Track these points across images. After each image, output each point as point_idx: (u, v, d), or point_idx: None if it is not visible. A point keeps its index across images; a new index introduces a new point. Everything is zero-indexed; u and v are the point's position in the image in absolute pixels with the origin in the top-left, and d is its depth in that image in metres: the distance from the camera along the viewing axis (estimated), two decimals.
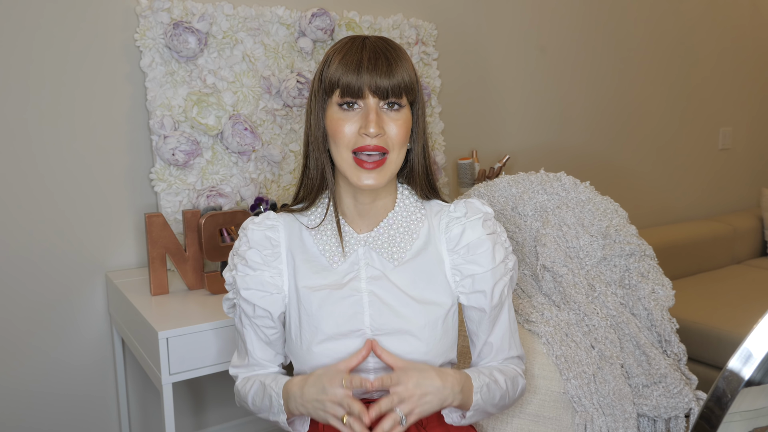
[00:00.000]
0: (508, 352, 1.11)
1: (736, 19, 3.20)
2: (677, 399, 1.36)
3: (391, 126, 0.99)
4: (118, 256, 1.76)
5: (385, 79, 0.97)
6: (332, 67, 0.99)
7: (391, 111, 0.99)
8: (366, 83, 0.97)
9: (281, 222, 1.09)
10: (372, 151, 0.98)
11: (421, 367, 0.97)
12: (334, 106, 1.00)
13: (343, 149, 0.99)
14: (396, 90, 0.98)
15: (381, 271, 1.04)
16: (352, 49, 0.99)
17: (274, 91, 1.86)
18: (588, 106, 2.70)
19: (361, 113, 0.98)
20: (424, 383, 0.95)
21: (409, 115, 1.02)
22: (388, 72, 0.97)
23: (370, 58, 0.97)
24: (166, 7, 1.70)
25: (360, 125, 0.98)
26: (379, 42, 1.00)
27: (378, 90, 0.97)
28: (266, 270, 1.05)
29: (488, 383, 1.02)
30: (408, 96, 1.00)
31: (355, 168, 0.99)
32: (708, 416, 0.57)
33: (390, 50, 1.00)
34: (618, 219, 1.52)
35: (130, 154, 1.76)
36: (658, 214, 3.02)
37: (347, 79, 0.97)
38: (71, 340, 1.73)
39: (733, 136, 3.30)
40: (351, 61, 0.98)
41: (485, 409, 1.03)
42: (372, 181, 0.98)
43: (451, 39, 2.29)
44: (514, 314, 1.14)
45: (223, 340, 1.39)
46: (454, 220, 1.08)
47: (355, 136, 0.98)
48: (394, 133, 0.99)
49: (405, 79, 0.99)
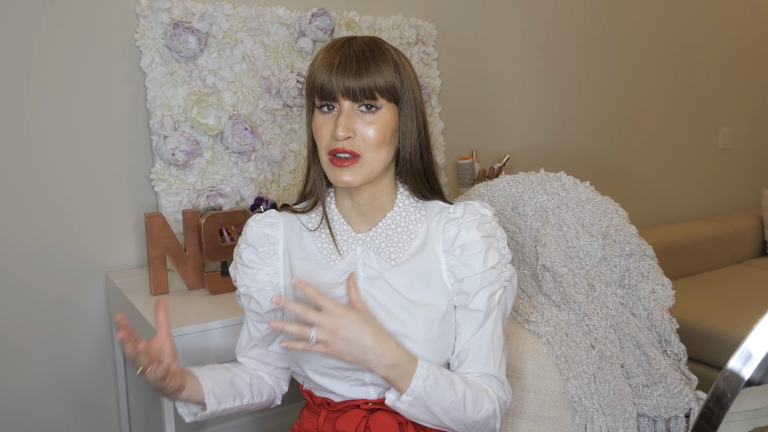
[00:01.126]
0: (483, 366, 1.02)
1: (736, 19, 3.20)
2: (677, 399, 1.36)
3: (365, 128, 0.98)
4: (118, 256, 1.76)
5: (354, 80, 0.97)
6: (313, 69, 1.01)
7: (367, 113, 0.99)
8: (335, 86, 0.97)
9: (282, 220, 1.10)
10: (342, 153, 0.98)
11: (370, 322, 0.94)
12: (317, 109, 1.02)
13: (322, 151, 1.01)
14: (367, 92, 0.97)
15: (378, 271, 1.04)
16: (331, 51, 1.00)
17: (274, 91, 1.86)
18: (588, 106, 2.70)
19: (336, 116, 0.99)
20: (353, 330, 0.91)
21: (390, 117, 1.01)
22: (357, 74, 0.97)
23: (341, 61, 0.97)
24: (166, 7, 1.70)
25: (333, 128, 0.99)
26: (360, 44, 1.00)
27: (348, 92, 0.97)
28: (262, 267, 1.07)
29: (438, 378, 0.95)
30: (386, 97, 0.99)
31: (332, 167, 1.00)
32: (708, 416, 0.57)
33: (366, 52, 0.99)
34: (618, 219, 1.52)
35: (130, 154, 1.76)
36: (658, 214, 3.02)
37: (321, 81, 0.98)
38: (71, 340, 1.73)
39: (733, 136, 3.30)
40: (325, 64, 0.99)
41: (428, 404, 0.95)
42: (347, 177, 0.99)
43: (451, 39, 2.29)
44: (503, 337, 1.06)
45: (223, 340, 1.39)
46: (451, 221, 1.07)
47: (330, 139, 0.99)
48: (369, 136, 0.98)
49: (378, 81, 0.98)
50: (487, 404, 0.99)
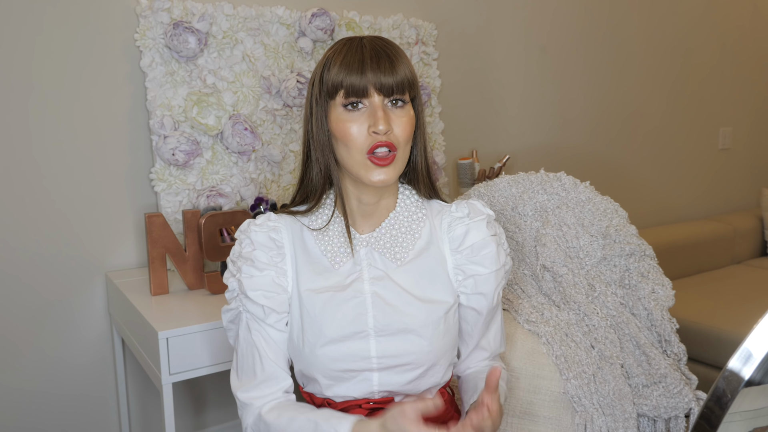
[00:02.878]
0: (499, 349, 1.16)
1: (736, 19, 3.20)
2: (677, 399, 1.36)
3: (397, 123, 0.99)
4: (118, 256, 1.76)
5: (389, 76, 0.97)
6: (333, 70, 0.99)
7: (396, 108, 1.00)
8: (370, 81, 0.97)
9: (282, 223, 1.07)
10: (383, 147, 0.97)
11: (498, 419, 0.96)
12: (339, 108, 0.99)
13: (356, 152, 0.98)
14: (400, 86, 0.98)
15: (384, 271, 1.03)
16: (352, 49, 0.99)
17: (274, 91, 1.86)
18: (588, 106, 2.70)
19: (367, 112, 0.98)
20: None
21: (413, 112, 1.02)
22: (391, 69, 0.98)
23: (372, 57, 0.98)
24: (166, 7, 1.70)
25: (368, 124, 0.97)
26: (377, 41, 1.01)
27: (383, 87, 0.97)
28: (272, 270, 1.03)
29: (504, 399, 1.09)
30: (410, 92, 1.01)
31: (369, 166, 0.98)
32: (708, 416, 0.57)
33: (389, 48, 1.00)
34: (618, 219, 1.52)
35: (130, 154, 1.76)
36: (658, 214, 3.02)
37: (351, 79, 0.97)
38: (71, 340, 1.73)
39: (733, 136, 3.30)
40: (353, 61, 0.98)
41: None
42: (384, 176, 0.98)
43: (451, 39, 2.29)
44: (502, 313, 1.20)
45: (223, 340, 1.39)
46: (456, 220, 1.08)
47: (366, 137, 0.98)
48: (400, 130, 0.99)
49: (407, 75, 0.99)
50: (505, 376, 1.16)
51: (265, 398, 1.02)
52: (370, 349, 1.00)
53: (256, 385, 1.03)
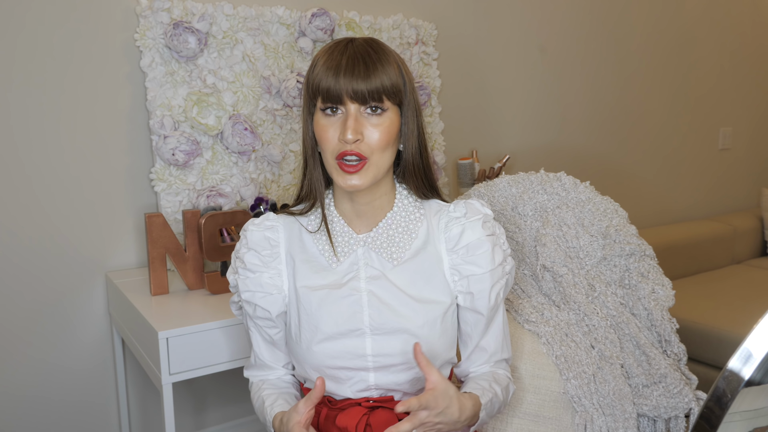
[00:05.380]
0: (500, 355, 1.12)
1: (736, 19, 3.20)
2: (677, 399, 1.36)
3: (371, 131, 0.98)
4: (118, 256, 1.77)
5: (363, 83, 0.96)
6: (315, 71, 1.00)
7: (373, 115, 0.99)
8: (343, 88, 0.96)
9: (281, 223, 1.09)
10: (350, 155, 0.97)
11: (450, 393, 0.95)
12: (319, 111, 1.01)
13: (329, 155, 1.00)
14: (375, 94, 0.97)
15: (380, 270, 1.04)
16: (334, 53, 0.99)
17: (274, 91, 1.86)
18: (588, 106, 2.70)
19: (342, 118, 0.98)
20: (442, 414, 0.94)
21: (395, 118, 1.01)
22: (365, 76, 0.96)
23: (347, 63, 0.97)
24: (166, 7, 1.70)
25: (340, 131, 0.98)
26: (363, 45, 1.00)
27: (356, 95, 0.97)
28: (265, 271, 1.06)
29: (492, 398, 1.04)
30: (391, 99, 0.99)
31: (339, 172, 0.99)
32: (708, 416, 0.57)
33: (371, 53, 0.99)
34: (618, 219, 1.52)
35: (130, 154, 1.76)
36: (658, 214, 3.02)
37: (326, 84, 0.97)
38: (71, 340, 1.73)
39: (733, 136, 3.30)
40: (331, 66, 0.98)
41: (485, 420, 1.05)
42: (355, 181, 0.98)
43: (451, 39, 2.29)
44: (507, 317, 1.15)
45: (223, 340, 1.39)
46: (453, 220, 1.08)
47: (336, 143, 0.98)
48: (375, 139, 0.98)
49: (385, 83, 0.98)
50: (511, 388, 1.12)
51: (259, 377, 1.15)
52: (366, 348, 1.00)
53: (253, 367, 1.16)
